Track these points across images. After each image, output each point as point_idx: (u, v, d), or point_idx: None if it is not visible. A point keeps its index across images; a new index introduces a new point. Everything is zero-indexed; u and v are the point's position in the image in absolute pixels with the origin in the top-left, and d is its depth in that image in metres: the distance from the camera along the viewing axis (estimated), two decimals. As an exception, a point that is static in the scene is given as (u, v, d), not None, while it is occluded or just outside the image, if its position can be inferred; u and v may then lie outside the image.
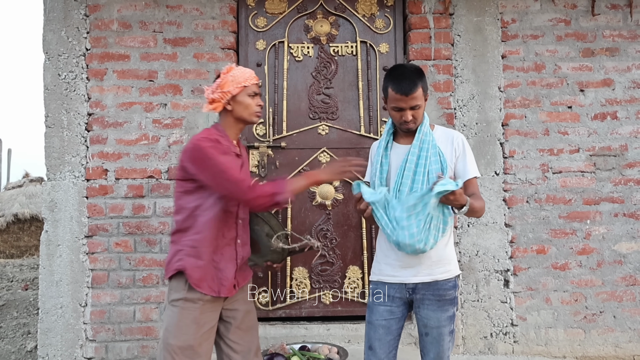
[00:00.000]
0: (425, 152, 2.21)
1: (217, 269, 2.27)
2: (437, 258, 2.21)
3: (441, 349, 2.23)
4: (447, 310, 2.22)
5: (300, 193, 3.57)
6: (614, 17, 3.62)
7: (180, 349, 2.19)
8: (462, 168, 2.26)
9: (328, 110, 3.67)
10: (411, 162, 2.22)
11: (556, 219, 3.52)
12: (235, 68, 2.36)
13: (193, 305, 2.23)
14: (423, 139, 2.23)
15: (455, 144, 2.28)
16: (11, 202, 9.86)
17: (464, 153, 2.27)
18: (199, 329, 2.22)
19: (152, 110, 3.49)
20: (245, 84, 2.32)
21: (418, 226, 2.09)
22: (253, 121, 2.39)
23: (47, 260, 3.40)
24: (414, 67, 2.28)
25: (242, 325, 2.37)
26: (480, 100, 3.54)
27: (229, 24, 3.54)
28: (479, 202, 2.23)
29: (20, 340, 4.54)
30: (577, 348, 3.48)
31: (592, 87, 3.59)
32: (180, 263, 2.24)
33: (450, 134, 2.32)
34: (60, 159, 3.43)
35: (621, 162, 3.56)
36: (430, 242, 2.13)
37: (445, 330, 2.22)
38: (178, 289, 2.26)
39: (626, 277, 3.52)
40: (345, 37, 3.71)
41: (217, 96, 2.32)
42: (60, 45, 3.47)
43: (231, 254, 2.32)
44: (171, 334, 2.22)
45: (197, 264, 2.24)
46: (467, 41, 3.56)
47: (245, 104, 2.33)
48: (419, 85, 2.18)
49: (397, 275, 2.25)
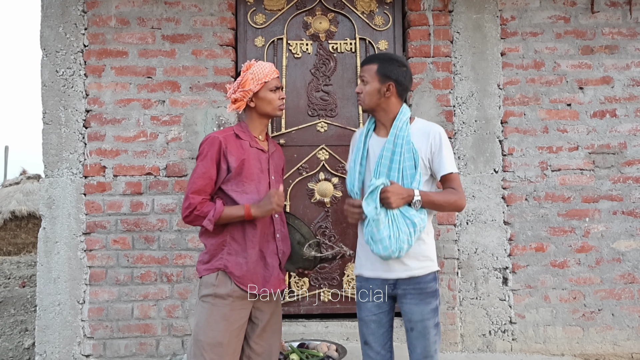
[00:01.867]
0: (399, 148, 2.22)
1: (262, 265, 2.29)
2: (414, 254, 2.23)
3: (427, 343, 2.24)
4: (429, 303, 2.24)
5: (298, 190, 3.60)
6: (613, 14, 3.62)
7: (210, 345, 2.20)
8: (438, 164, 2.25)
9: (327, 107, 3.66)
10: (386, 157, 2.25)
11: (555, 216, 3.52)
12: (254, 65, 2.36)
13: (223, 302, 2.24)
14: (397, 134, 2.24)
15: (432, 138, 2.26)
16: (8, 200, 9.84)
17: (440, 148, 2.24)
18: (229, 325, 2.23)
19: (150, 107, 3.48)
20: (266, 79, 2.33)
21: (389, 238, 2.13)
22: (277, 115, 2.43)
23: (44, 257, 3.38)
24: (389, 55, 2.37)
25: (267, 327, 2.38)
26: (480, 98, 3.53)
27: (228, 21, 3.53)
28: (448, 196, 2.23)
29: (17, 337, 4.53)
30: (576, 346, 3.49)
31: (592, 85, 3.58)
32: (221, 262, 2.27)
33: (427, 128, 2.30)
34: (58, 155, 3.42)
35: (620, 159, 3.56)
36: (404, 247, 2.15)
37: (429, 323, 2.23)
38: (208, 285, 2.27)
39: (625, 275, 3.52)
40: (344, 34, 3.70)
41: (240, 95, 2.34)
42: (57, 41, 3.45)
43: (272, 248, 2.34)
44: (201, 330, 2.24)
45: (239, 261, 2.26)
46: (466, 38, 3.55)
47: (268, 100, 2.35)
48: (376, 64, 2.28)
49: (375, 270, 2.29)
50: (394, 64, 2.28)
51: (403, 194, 2.15)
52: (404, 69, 2.29)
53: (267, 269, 2.31)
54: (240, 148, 2.31)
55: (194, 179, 2.26)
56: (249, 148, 2.33)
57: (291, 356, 2.89)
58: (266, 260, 2.31)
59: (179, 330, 3.40)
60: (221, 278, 2.26)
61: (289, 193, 3.58)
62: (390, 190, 2.14)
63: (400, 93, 2.30)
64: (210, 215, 2.22)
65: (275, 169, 2.43)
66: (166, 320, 3.41)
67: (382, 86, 2.27)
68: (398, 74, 2.27)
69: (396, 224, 2.15)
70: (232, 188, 2.29)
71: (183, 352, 3.39)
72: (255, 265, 2.28)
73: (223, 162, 2.28)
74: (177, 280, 3.42)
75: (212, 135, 2.31)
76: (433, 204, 2.22)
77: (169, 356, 3.40)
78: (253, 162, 2.32)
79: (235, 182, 2.28)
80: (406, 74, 2.30)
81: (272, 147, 2.47)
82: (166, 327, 3.41)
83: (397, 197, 2.14)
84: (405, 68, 2.30)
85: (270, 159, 2.41)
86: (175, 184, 3.44)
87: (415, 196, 2.16)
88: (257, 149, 2.36)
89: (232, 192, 2.28)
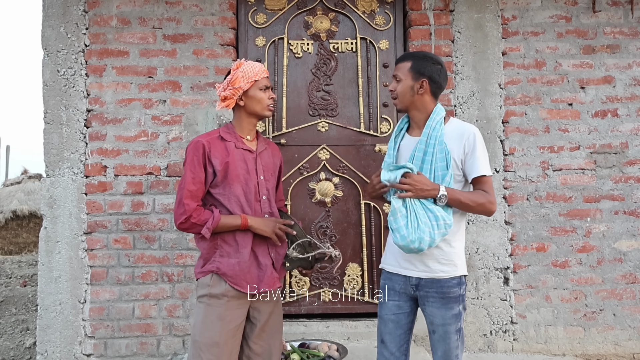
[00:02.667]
0: (432, 148, 2.18)
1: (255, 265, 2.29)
2: (437, 256, 2.18)
3: (448, 348, 2.20)
4: (452, 308, 2.19)
5: (299, 190, 3.59)
6: (614, 14, 3.61)
7: (206, 345, 2.20)
8: (470, 165, 2.19)
9: (328, 107, 3.66)
10: (418, 157, 2.21)
11: (556, 216, 3.51)
12: (245, 63, 2.35)
13: (218, 302, 2.24)
14: (430, 133, 2.20)
15: (465, 139, 2.20)
16: (10, 199, 9.85)
17: (474, 149, 2.19)
18: (225, 325, 2.23)
19: (151, 106, 3.48)
20: (256, 78, 2.32)
21: (407, 227, 2.09)
22: (266, 115, 2.40)
23: (46, 256, 3.39)
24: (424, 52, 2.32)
25: (266, 327, 2.37)
26: (481, 98, 3.53)
27: (229, 20, 3.53)
28: (476, 197, 2.17)
29: (19, 336, 4.54)
30: (577, 346, 3.48)
31: (593, 85, 3.58)
32: (213, 265, 2.28)
33: (462, 128, 2.25)
34: (60, 155, 3.42)
35: (622, 159, 3.56)
36: (425, 240, 2.08)
37: (451, 328, 2.19)
38: (204, 286, 2.29)
39: (626, 275, 3.52)
40: (345, 34, 3.70)
41: (229, 93, 2.33)
42: (59, 41, 3.45)
43: (264, 248, 2.33)
44: (198, 330, 2.24)
45: (231, 263, 2.26)
46: (468, 38, 3.55)
47: (257, 99, 2.34)
48: (410, 61, 2.25)
49: (397, 265, 2.27)
50: (428, 61, 2.24)
51: (428, 186, 2.11)
52: (438, 67, 2.25)
53: (260, 268, 2.31)
54: (225, 150, 2.31)
55: (185, 185, 2.25)
56: (234, 149, 2.32)
57: (292, 356, 2.89)
58: (259, 260, 2.31)
59: (180, 330, 3.40)
60: (215, 279, 2.27)
61: (290, 193, 3.58)
62: (415, 178, 2.10)
63: (434, 91, 2.26)
64: (209, 224, 2.23)
65: (265, 168, 2.41)
66: (167, 319, 3.41)
67: (415, 83, 2.23)
68: (432, 70, 2.23)
69: (414, 214, 2.10)
70: (219, 192, 2.29)
71: (184, 351, 3.39)
72: (249, 265, 2.28)
73: (208, 165, 2.28)
74: (178, 280, 3.42)
75: (195, 139, 2.32)
76: (460, 203, 2.15)
77: (170, 356, 3.40)
78: (238, 163, 2.31)
79: (222, 185, 2.29)
80: (440, 71, 2.25)
81: (262, 146, 2.44)
82: (167, 327, 3.41)
83: (419, 188, 2.10)
84: (439, 66, 2.26)
85: (259, 158, 2.39)
86: (176, 183, 3.44)
87: (440, 191, 2.11)
88: (243, 149, 2.35)
89: (220, 196, 2.29)
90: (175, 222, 2.27)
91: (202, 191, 2.29)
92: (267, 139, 2.56)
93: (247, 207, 2.30)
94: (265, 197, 2.37)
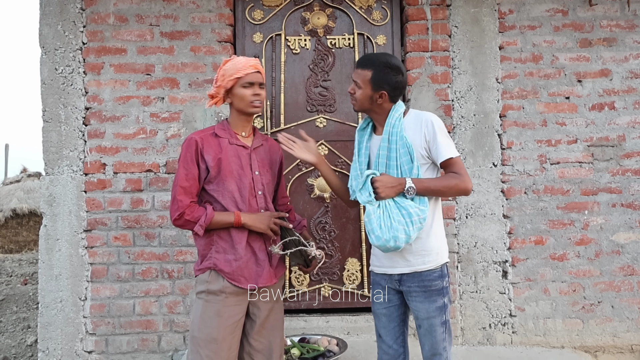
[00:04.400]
0: (394, 145, 2.22)
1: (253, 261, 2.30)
2: (417, 249, 2.22)
3: (434, 341, 2.24)
4: (435, 301, 2.23)
5: (298, 185, 3.61)
6: (611, 7, 3.61)
7: (205, 341, 2.21)
8: (435, 152, 2.23)
9: (326, 102, 3.67)
10: (382, 155, 2.26)
11: (554, 209, 3.53)
12: (230, 60, 2.34)
13: (216, 298, 2.25)
14: (391, 130, 2.24)
15: (424, 127, 2.23)
16: (9, 197, 9.86)
17: (434, 136, 2.22)
18: (223, 322, 2.23)
19: (149, 104, 3.48)
20: (238, 75, 2.29)
21: (380, 227, 2.13)
22: (250, 112, 2.36)
23: (46, 254, 3.40)
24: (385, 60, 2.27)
25: (266, 324, 2.37)
26: (478, 92, 3.54)
27: (226, 17, 3.53)
28: (447, 180, 2.20)
29: (20, 334, 4.56)
30: (576, 338, 3.50)
31: (590, 78, 3.59)
32: (210, 261, 2.29)
33: (419, 118, 2.28)
34: (58, 153, 3.43)
35: (619, 152, 3.57)
36: (401, 237, 2.12)
37: (435, 321, 2.22)
38: (202, 282, 2.29)
39: (624, 267, 3.53)
40: (342, 29, 3.70)
41: (214, 92, 2.35)
42: (56, 39, 3.45)
43: (261, 244, 2.33)
44: (196, 326, 2.25)
45: (227, 259, 2.27)
46: (465, 32, 3.55)
47: (239, 96, 2.32)
48: (370, 71, 2.24)
49: (381, 266, 2.33)
50: (388, 72, 2.23)
51: (393, 183, 2.17)
52: (399, 77, 2.25)
53: (258, 264, 2.31)
54: (218, 147, 2.31)
55: (178, 181, 2.26)
56: (228, 145, 2.32)
57: (292, 350, 2.91)
58: (256, 256, 2.31)
59: (181, 326, 3.42)
60: (213, 275, 2.28)
61: (289, 188, 3.59)
62: (379, 180, 2.17)
63: (392, 99, 2.29)
64: (201, 221, 2.23)
65: (261, 163, 2.39)
66: (167, 316, 3.42)
67: (374, 94, 2.26)
68: (392, 83, 2.24)
69: (388, 213, 2.15)
70: (213, 188, 2.30)
71: (185, 347, 3.40)
72: (246, 261, 2.28)
73: (201, 161, 2.29)
74: (178, 277, 3.43)
75: (189, 136, 2.33)
76: (430, 190, 2.19)
77: (171, 352, 3.41)
78: (232, 159, 2.31)
79: (216, 181, 2.29)
80: (400, 82, 2.26)
81: (257, 142, 2.43)
82: (168, 323, 3.42)
83: (386, 187, 2.16)
84: (400, 75, 2.26)
85: (254, 153, 2.38)
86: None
87: (406, 184, 2.16)
88: (237, 145, 2.34)
89: (214, 192, 2.29)
90: (170, 218, 2.28)
91: (196, 187, 2.29)
92: (265, 135, 2.57)
93: (242, 203, 2.30)
94: (261, 192, 2.36)
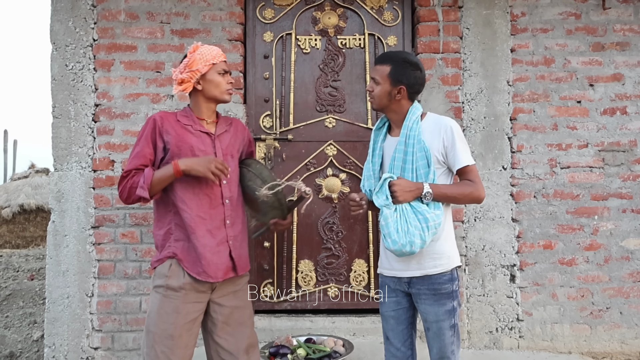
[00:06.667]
0: (411, 148, 2.21)
1: (212, 253, 2.23)
2: (428, 252, 2.21)
3: (443, 344, 2.22)
4: (444, 305, 2.21)
5: (306, 185, 3.58)
6: (625, 11, 3.58)
7: (160, 337, 2.17)
8: (452, 158, 2.23)
9: (335, 103, 3.66)
10: (398, 158, 2.24)
11: (563, 214, 3.50)
12: (202, 46, 2.32)
13: (175, 294, 2.20)
14: (408, 133, 2.23)
15: (443, 133, 2.23)
16: (17, 193, 9.90)
17: (453, 142, 2.22)
18: (180, 318, 2.19)
19: (159, 101, 3.49)
20: (214, 61, 2.29)
21: (397, 231, 2.12)
22: (225, 100, 2.36)
23: (53, 250, 3.41)
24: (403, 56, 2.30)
25: (230, 321, 2.32)
26: (489, 94, 3.51)
27: (237, 16, 3.52)
28: (462, 188, 2.21)
29: (26, 329, 4.57)
30: (583, 344, 3.47)
31: (602, 82, 3.56)
32: (169, 250, 2.23)
33: (439, 123, 2.27)
34: (67, 149, 3.44)
35: (630, 157, 3.54)
36: (416, 243, 2.11)
37: (444, 324, 2.21)
38: (160, 276, 2.24)
39: (633, 273, 3.50)
40: (353, 30, 3.69)
41: (186, 76, 2.28)
42: (67, 35, 3.46)
43: (223, 236, 2.28)
44: (152, 320, 2.20)
45: (185, 247, 2.22)
46: (476, 34, 3.53)
47: (215, 82, 2.30)
48: (389, 66, 2.24)
49: (391, 269, 2.30)
50: (407, 67, 2.24)
51: (411, 187, 2.16)
52: (417, 73, 2.26)
53: (219, 255, 2.25)
54: (181, 129, 2.28)
55: (130, 160, 2.26)
56: (192, 132, 2.29)
57: (298, 351, 2.90)
58: (217, 248, 2.25)
59: (187, 324, 3.41)
60: (174, 268, 2.22)
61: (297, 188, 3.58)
62: (397, 184, 2.15)
63: (411, 96, 2.29)
64: (141, 182, 2.18)
65: (225, 150, 2.35)
66: (174, 314, 3.42)
67: (393, 89, 2.25)
68: (410, 78, 2.25)
69: (405, 218, 2.14)
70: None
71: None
72: (207, 251, 2.22)
73: (159, 140, 2.26)
74: (185, 275, 3.42)
75: (157, 116, 2.30)
76: (446, 197, 2.20)
77: (177, 350, 3.41)
78: (195, 145, 2.27)
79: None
80: (419, 77, 2.27)
81: (222, 128, 2.40)
82: (174, 321, 3.42)
83: (404, 191, 2.14)
84: (419, 71, 2.27)
85: (217, 140, 2.34)
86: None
87: (424, 189, 2.15)
88: (201, 132, 2.31)
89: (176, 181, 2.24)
90: (119, 196, 2.26)
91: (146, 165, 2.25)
92: (229, 117, 2.52)
93: (207, 189, 2.26)
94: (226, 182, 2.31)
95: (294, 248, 3.58)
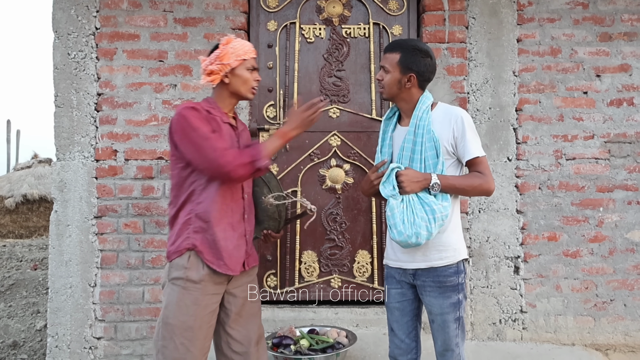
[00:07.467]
0: (420, 138, 2.19)
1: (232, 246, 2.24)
2: (434, 244, 2.19)
3: (447, 337, 2.22)
4: (449, 297, 2.20)
5: (310, 176, 3.58)
6: (633, 0, 3.54)
7: (180, 329, 2.15)
8: (462, 149, 2.21)
9: (339, 93, 3.63)
10: (407, 148, 2.23)
11: (568, 206, 3.48)
12: (234, 40, 2.29)
13: (194, 286, 2.18)
14: (418, 123, 2.21)
15: (454, 123, 2.21)
16: (20, 183, 9.91)
17: (463, 133, 2.19)
18: (200, 310, 2.18)
19: (162, 91, 3.46)
20: (245, 57, 2.26)
21: (403, 222, 2.10)
22: (249, 97, 2.34)
23: (56, 240, 3.40)
24: (413, 44, 2.27)
25: (242, 312, 2.32)
26: (494, 85, 3.48)
27: (240, 4, 3.49)
28: (471, 180, 2.19)
29: (29, 319, 4.58)
30: (587, 336, 3.46)
31: (609, 73, 3.52)
32: (188, 242, 2.19)
33: (449, 113, 2.25)
34: (70, 139, 3.42)
35: (636, 149, 3.51)
36: (422, 234, 2.09)
37: (449, 317, 2.20)
38: (179, 268, 2.20)
39: (638, 265, 3.48)
40: (357, 19, 3.65)
41: (216, 68, 2.25)
42: (69, 24, 3.43)
43: (241, 230, 2.29)
44: (171, 313, 2.18)
45: (207, 241, 2.20)
46: (482, 24, 3.50)
47: (243, 78, 2.28)
48: (398, 54, 2.22)
49: (397, 260, 2.29)
50: (416, 54, 2.22)
51: (418, 178, 2.14)
52: (427, 60, 2.24)
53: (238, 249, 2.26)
54: (214, 121, 2.24)
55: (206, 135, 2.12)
56: (222, 123, 2.26)
57: (301, 342, 2.90)
58: (237, 241, 2.26)
59: (190, 315, 3.41)
60: (193, 260, 2.19)
61: (300, 179, 3.57)
62: (404, 174, 2.14)
63: (421, 84, 2.27)
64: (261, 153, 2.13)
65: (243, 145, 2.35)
66: (177, 304, 3.42)
67: (403, 77, 2.23)
68: (420, 65, 2.22)
69: (411, 209, 2.12)
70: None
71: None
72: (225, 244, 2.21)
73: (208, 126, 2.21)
74: (188, 265, 3.42)
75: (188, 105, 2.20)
76: (455, 188, 2.18)
77: (179, 340, 3.41)
78: (226, 136, 2.26)
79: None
80: (429, 65, 2.25)
81: (240, 125, 2.42)
82: (177, 311, 3.42)
83: (412, 181, 2.12)
84: (429, 59, 2.25)
85: (239, 137, 2.35)
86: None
87: (432, 180, 2.13)
88: (229, 125, 2.30)
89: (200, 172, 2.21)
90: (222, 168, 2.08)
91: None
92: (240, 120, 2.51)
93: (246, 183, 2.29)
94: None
95: (297, 239, 3.57)
